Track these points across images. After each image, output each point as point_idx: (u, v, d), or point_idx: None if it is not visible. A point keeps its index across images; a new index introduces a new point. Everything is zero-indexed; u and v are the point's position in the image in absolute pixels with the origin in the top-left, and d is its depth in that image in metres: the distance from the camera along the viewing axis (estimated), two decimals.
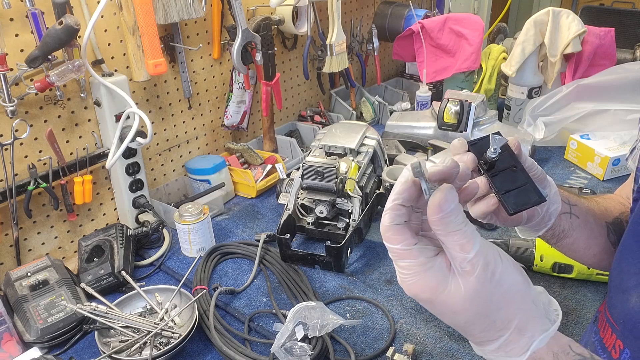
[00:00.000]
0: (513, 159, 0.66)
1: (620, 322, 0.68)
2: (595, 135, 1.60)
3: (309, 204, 1.25)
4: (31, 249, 1.21)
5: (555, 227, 0.76)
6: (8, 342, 0.99)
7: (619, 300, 0.69)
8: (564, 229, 0.77)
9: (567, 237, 0.78)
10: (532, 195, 0.64)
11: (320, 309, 0.94)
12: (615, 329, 0.69)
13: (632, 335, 0.65)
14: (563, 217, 0.76)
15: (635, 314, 0.65)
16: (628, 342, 0.66)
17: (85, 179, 1.22)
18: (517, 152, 0.66)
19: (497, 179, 0.66)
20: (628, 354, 0.66)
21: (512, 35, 2.04)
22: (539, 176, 0.70)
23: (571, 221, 0.77)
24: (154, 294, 1.09)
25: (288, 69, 1.81)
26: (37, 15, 1.04)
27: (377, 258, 1.24)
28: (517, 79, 1.78)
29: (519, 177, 0.66)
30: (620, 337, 0.67)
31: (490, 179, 0.66)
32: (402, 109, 1.94)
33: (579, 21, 1.69)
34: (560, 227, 0.76)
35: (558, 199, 0.73)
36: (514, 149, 0.66)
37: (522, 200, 0.64)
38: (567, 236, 0.78)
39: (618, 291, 0.70)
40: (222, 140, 1.64)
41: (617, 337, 0.68)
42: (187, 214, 1.22)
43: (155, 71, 1.25)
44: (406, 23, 1.93)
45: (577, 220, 0.78)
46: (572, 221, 0.77)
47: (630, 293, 0.67)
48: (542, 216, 0.73)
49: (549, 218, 0.74)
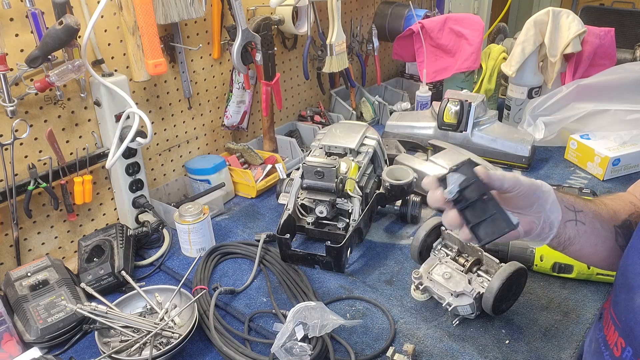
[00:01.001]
0: (483, 187, 0.67)
1: (623, 320, 0.68)
2: (595, 135, 1.60)
3: (309, 204, 1.25)
4: (31, 249, 1.21)
5: (561, 235, 0.76)
6: (8, 342, 0.99)
7: (623, 299, 0.69)
8: (569, 236, 0.77)
9: (573, 244, 0.78)
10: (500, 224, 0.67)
11: (320, 309, 0.94)
12: (618, 326, 0.69)
13: (633, 333, 0.65)
14: (568, 224, 0.77)
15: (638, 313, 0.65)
16: (630, 340, 0.66)
17: (85, 179, 1.22)
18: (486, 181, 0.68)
19: (468, 211, 0.68)
20: (630, 351, 0.66)
21: (512, 35, 2.04)
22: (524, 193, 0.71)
23: (577, 228, 0.77)
24: (154, 294, 1.09)
25: (288, 69, 1.81)
26: (37, 15, 1.04)
27: (377, 258, 1.24)
28: (517, 79, 1.78)
29: (489, 206, 0.67)
30: (622, 335, 0.68)
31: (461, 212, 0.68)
32: (402, 109, 1.94)
33: (579, 21, 1.68)
34: (566, 235, 0.77)
35: (557, 209, 0.74)
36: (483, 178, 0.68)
37: (492, 230, 0.67)
38: (574, 243, 0.78)
39: (623, 290, 0.70)
40: (222, 140, 1.64)
41: (619, 334, 0.68)
42: (187, 214, 1.22)
43: (155, 71, 1.25)
44: (406, 23, 1.92)
45: (584, 227, 0.78)
46: (578, 228, 0.77)
47: (635, 292, 0.67)
48: (542, 227, 0.74)
49: (550, 228, 0.74)
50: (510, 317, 1.04)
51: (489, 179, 0.68)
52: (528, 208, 0.73)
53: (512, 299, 1.04)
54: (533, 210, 0.73)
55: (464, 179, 0.67)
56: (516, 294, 1.04)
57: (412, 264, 1.19)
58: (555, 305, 1.06)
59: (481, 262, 1.06)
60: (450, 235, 1.12)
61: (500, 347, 0.97)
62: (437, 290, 1.04)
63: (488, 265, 1.05)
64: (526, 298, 1.08)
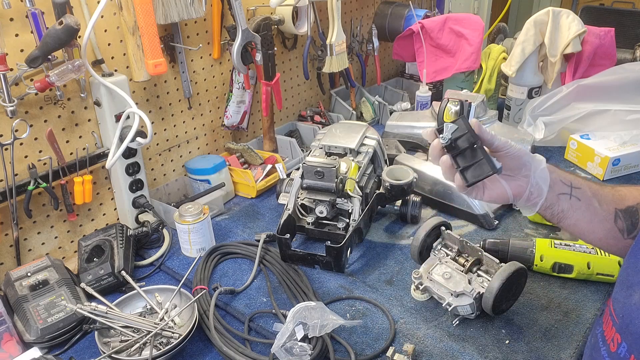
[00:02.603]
0: (474, 138, 0.78)
1: (620, 317, 0.69)
2: (595, 135, 1.60)
3: (309, 204, 1.25)
4: (31, 249, 1.21)
5: (554, 206, 0.82)
6: (8, 342, 0.99)
7: (623, 296, 0.70)
8: (563, 209, 0.83)
9: (567, 218, 0.83)
10: (485, 168, 0.77)
11: (320, 309, 0.94)
12: (616, 322, 0.69)
13: (628, 330, 0.66)
14: (562, 197, 0.82)
15: (635, 310, 0.66)
16: (625, 335, 0.67)
17: (85, 179, 1.22)
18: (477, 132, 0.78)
19: (459, 157, 0.79)
20: (625, 347, 0.67)
21: (512, 35, 2.04)
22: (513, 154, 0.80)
23: (571, 202, 0.82)
24: (154, 294, 1.09)
25: (288, 69, 1.81)
26: (37, 15, 1.04)
27: (377, 258, 1.24)
28: (517, 79, 1.78)
29: (477, 153, 0.78)
30: (619, 331, 0.68)
31: (453, 158, 0.79)
32: (402, 109, 1.94)
33: (579, 21, 1.68)
34: (559, 207, 0.83)
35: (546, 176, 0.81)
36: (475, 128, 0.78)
37: (477, 173, 0.77)
38: (568, 217, 0.83)
39: (623, 286, 0.71)
40: (222, 140, 1.64)
41: (616, 330, 0.69)
42: (187, 214, 1.22)
43: (155, 71, 1.25)
44: (406, 23, 1.92)
45: (578, 203, 0.82)
46: (572, 202, 0.82)
47: (634, 289, 0.68)
48: (530, 192, 0.81)
49: (539, 194, 0.81)
50: (510, 317, 1.04)
51: (480, 130, 0.78)
52: (517, 170, 0.81)
53: (512, 299, 1.04)
54: (522, 174, 0.81)
55: (456, 128, 0.78)
56: (516, 294, 1.04)
57: (412, 264, 1.19)
58: (555, 305, 1.06)
59: (481, 262, 1.06)
60: (450, 235, 1.12)
61: (500, 347, 0.97)
62: (437, 290, 1.04)
63: (488, 265, 1.05)
64: (526, 298, 1.08)
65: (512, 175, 0.82)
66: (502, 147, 0.79)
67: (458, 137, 0.78)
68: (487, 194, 0.83)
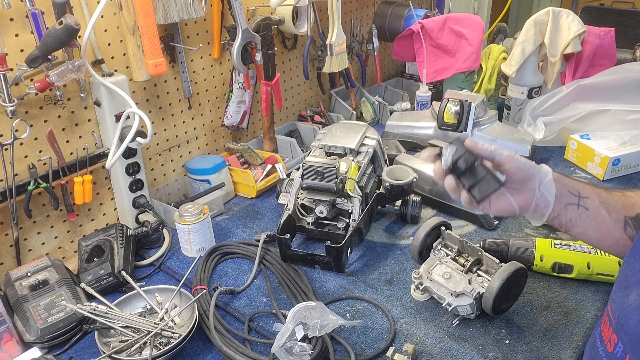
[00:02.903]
0: (473, 157, 0.80)
1: (617, 317, 0.69)
2: (595, 135, 1.60)
3: (309, 204, 1.25)
4: (31, 249, 1.21)
5: (561, 216, 0.83)
6: (8, 342, 0.99)
7: (620, 296, 0.70)
8: (570, 219, 0.83)
9: (576, 227, 0.84)
10: (491, 183, 0.80)
11: (320, 309, 0.94)
12: (612, 323, 0.70)
13: (624, 330, 0.66)
14: (570, 207, 0.83)
15: (631, 310, 0.66)
16: (621, 336, 0.67)
17: (85, 179, 1.22)
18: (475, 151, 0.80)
19: (463, 177, 0.81)
20: (621, 347, 0.67)
21: (512, 35, 2.04)
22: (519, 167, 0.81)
23: (579, 212, 0.83)
24: (154, 294, 1.09)
25: (288, 69, 1.81)
26: (37, 15, 1.04)
27: (377, 258, 1.24)
28: (517, 79, 1.78)
29: (479, 170, 0.80)
30: (615, 331, 0.69)
31: (458, 179, 0.82)
32: (402, 109, 1.94)
33: (579, 21, 1.68)
34: (567, 217, 0.83)
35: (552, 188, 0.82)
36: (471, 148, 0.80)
37: (484, 189, 0.80)
38: (576, 226, 0.84)
39: (621, 287, 0.71)
40: (222, 140, 1.64)
41: (613, 330, 0.69)
42: (187, 214, 1.22)
43: (155, 71, 1.25)
44: (406, 23, 1.92)
45: (586, 212, 0.83)
46: (580, 212, 0.83)
47: (631, 289, 0.68)
48: (537, 203, 0.82)
49: (546, 205, 0.82)
50: (510, 317, 1.04)
51: (477, 149, 0.80)
52: (523, 183, 0.82)
53: (512, 299, 1.04)
54: (528, 187, 0.82)
55: (455, 150, 0.80)
56: (516, 294, 1.04)
57: (412, 264, 1.19)
58: (555, 305, 1.06)
59: (481, 262, 1.06)
60: (450, 235, 1.12)
61: (500, 347, 0.97)
62: (437, 290, 1.04)
63: (488, 265, 1.05)
64: (526, 298, 1.08)
65: (517, 189, 0.83)
66: (504, 161, 0.81)
67: (458, 159, 0.81)
68: (494, 207, 0.84)
